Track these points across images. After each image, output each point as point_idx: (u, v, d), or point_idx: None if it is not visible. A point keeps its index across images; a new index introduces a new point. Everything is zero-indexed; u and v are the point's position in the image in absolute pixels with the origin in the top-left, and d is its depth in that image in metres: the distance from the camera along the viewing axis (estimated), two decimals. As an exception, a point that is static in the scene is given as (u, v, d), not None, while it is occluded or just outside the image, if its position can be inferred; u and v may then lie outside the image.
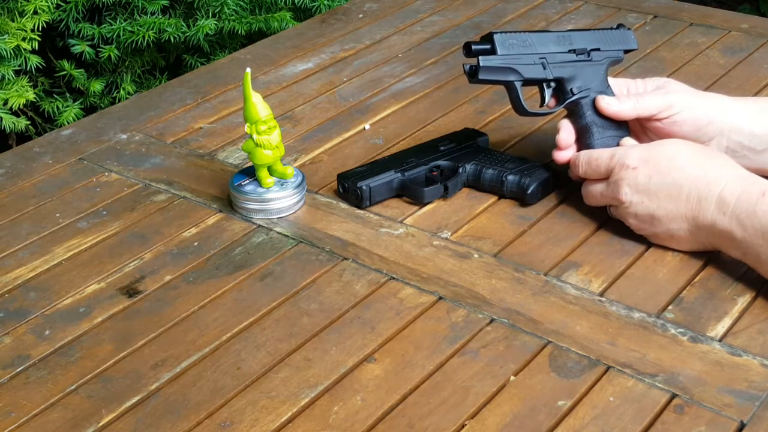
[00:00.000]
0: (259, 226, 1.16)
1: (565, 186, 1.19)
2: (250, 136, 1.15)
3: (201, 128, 1.39)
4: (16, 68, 1.82)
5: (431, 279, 1.06)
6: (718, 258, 1.06)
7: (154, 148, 1.33)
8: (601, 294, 1.03)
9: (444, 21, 1.70)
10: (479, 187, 1.20)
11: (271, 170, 1.18)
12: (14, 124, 1.84)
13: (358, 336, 0.98)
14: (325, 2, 2.06)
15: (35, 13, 1.82)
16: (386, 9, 1.75)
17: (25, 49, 1.82)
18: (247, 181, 1.18)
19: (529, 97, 1.22)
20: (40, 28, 1.83)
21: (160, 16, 1.98)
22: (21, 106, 1.85)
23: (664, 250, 1.09)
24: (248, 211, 1.17)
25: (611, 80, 1.20)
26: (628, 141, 1.15)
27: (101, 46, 1.96)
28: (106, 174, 1.28)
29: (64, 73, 1.98)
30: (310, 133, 1.37)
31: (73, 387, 0.93)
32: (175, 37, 1.98)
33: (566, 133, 1.17)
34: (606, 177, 1.10)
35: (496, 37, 1.17)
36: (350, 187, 1.18)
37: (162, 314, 1.02)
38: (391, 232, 1.14)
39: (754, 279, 1.03)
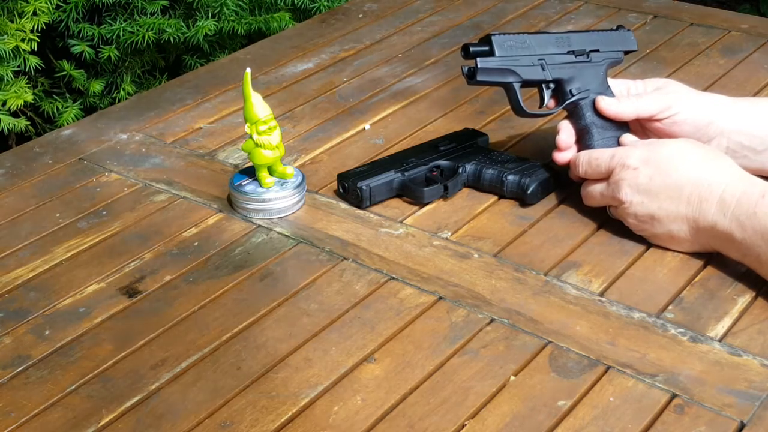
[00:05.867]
0: (259, 226, 1.16)
1: (565, 186, 1.19)
2: (250, 136, 1.15)
3: (201, 128, 1.39)
4: (15, 69, 1.82)
5: (431, 279, 1.06)
6: (718, 258, 1.06)
7: (154, 148, 1.34)
8: (601, 294, 1.03)
9: (444, 21, 1.70)
10: (479, 187, 1.20)
11: (271, 170, 1.18)
12: (14, 124, 1.84)
13: (358, 336, 0.98)
14: (325, 3, 2.06)
15: (35, 14, 1.82)
16: (386, 9, 1.75)
17: (24, 50, 1.82)
18: (247, 181, 1.18)
19: (528, 98, 1.22)
20: (40, 29, 1.83)
21: (160, 17, 1.98)
22: (19, 107, 1.85)
23: (664, 250, 1.09)
24: (248, 211, 1.17)
25: (611, 81, 1.20)
26: (627, 138, 1.15)
27: (101, 46, 1.96)
28: (106, 174, 1.28)
29: (64, 73, 1.98)
30: (310, 133, 1.37)
31: (73, 387, 0.93)
32: (174, 38, 1.98)
33: (566, 134, 1.17)
34: (606, 177, 1.10)
35: (494, 38, 1.17)
36: (350, 187, 1.18)
37: (162, 314, 1.02)
38: (391, 232, 1.14)
39: (754, 279, 1.03)
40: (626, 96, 1.17)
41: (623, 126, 1.17)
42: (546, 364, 0.94)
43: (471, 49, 1.17)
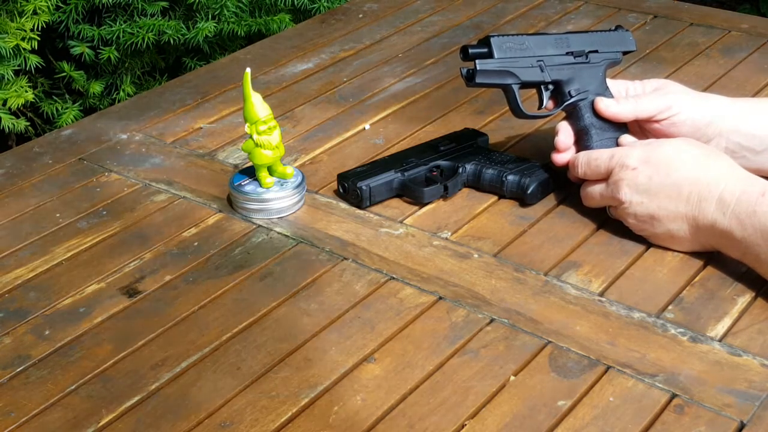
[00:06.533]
0: (259, 226, 1.16)
1: (565, 186, 1.19)
2: (250, 136, 1.15)
3: (201, 128, 1.39)
4: (16, 68, 1.82)
5: (431, 279, 1.06)
6: (718, 258, 1.06)
7: (154, 148, 1.34)
8: (601, 294, 1.03)
9: (444, 21, 1.70)
10: (479, 187, 1.20)
11: (271, 170, 1.18)
12: (14, 125, 1.84)
13: (358, 336, 0.98)
14: (325, 4, 2.06)
15: (35, 13, 1.82)
16: (386, 9, 1.75)
17: (24, 49, 1.82)
18: (247, 181, 1.18)
19: (527, 98, 1.22)
20: (40, 29, 1.83)
21: (160, 18, 1.98)
22: (20, 107, 1.85)
23: (664, 250, 1.09)
24: (248, 211, 1.17)
25: (610, 82, 1.20)
26: (626, 139, 1.15)
27: (101, 47, 1.96)
28: (106, 174, 1.28)
29: (64, 74, 1.98)
30: (310, 133, 1.37)
31: (73, 387, 0.93)
32: (174, 39, 1.98)
33: (565, 135, 1.17)
34: (606, 178, 1.10)
35: (493, 40, 1.17)
36: (350, 187, 1.18)
37: (162, 314, 1.02)
38: (391, 232, 1.14)
39: (754, 279, 1.03)
40: (625, 97, 1.17)
41: (622, 127, 1.17)
42: (546, 364, 0.94)
43: (470, 51, 1.17)
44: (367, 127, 1.37)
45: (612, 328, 0.98)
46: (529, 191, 1.16)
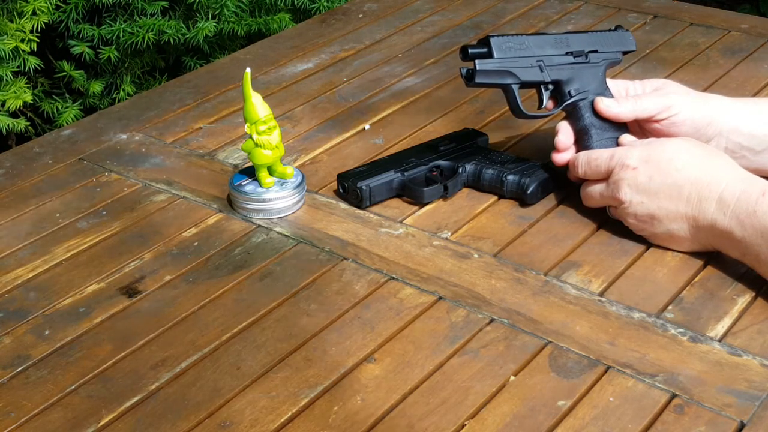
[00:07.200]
0: (259, 226, 1.16)
1: (565, 186, 1.19)
2: (250, 136, 1.15)
3: (201, 128, 1.39)
4: (15, 70, 1.82)
5: (431, 279, 1.06)
6: (718, 258, 1.06)
7: (154, 148, 1.34)
8: (601, 294, 1.03)
9: (444, 21, 1.70)
10: (479, 187, 1.20)
11: (271, 170, 1.18)
12: (13, 125, 1.84)
13: (358, 336, 0.98)
14: (325, 4, 2.06)
15: (34, 14, 1.82)
16: (386, 9, 1.75)
17: (23, 51, 1.82)
18: (247, 181, 1.18)
19: (527, 98, 1.22)
20: (39, 29, 1.83)
21: (160, 18, 1.98)
22: (19, 108, 1.85)
23: (664, 250, 1.09)
24: (248, 211, 1.17)
25: (610, 82, 1.20)
26: (627, 138, 1.15)
27: (101, 47, 1.96)
28: (106, 174, 1.28)
29: (64, 74, 1.98)
30: (310, 133, 1.37)
31: (73, 387, 0.93)
32: (174, 39, 1.98)
33: (565, 135, 1.17)
34: (606, 177, 1.10)
35: (492, 40, 1.17)
36: (350, 187, 1.18)
37: (162, 314, 1.02)
38: (391, 232, 1.14)
39: (754, 279, 1.03)
40: (625, 97, 1.17)
41: (622, 126, 1.17)
42: (546, 364, 0.94)
43: (469, 51, 1.17)
44: (367, 127, 1.37)
45: (612, 328, 0.98)
46: (529, 191, 1.16)
